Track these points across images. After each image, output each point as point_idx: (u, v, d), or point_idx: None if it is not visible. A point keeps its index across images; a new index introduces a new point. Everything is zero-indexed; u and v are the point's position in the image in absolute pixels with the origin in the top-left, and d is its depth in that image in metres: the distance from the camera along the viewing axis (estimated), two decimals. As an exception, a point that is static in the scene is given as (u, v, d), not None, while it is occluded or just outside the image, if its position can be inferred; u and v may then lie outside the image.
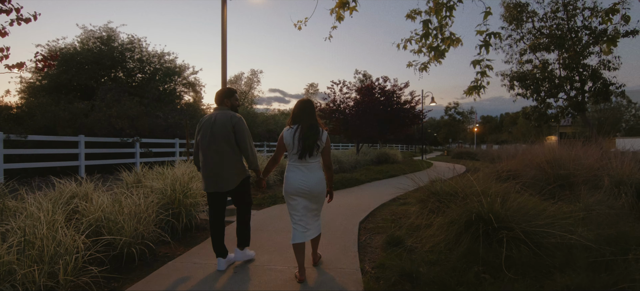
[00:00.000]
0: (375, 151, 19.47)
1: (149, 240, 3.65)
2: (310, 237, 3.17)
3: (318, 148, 3.11)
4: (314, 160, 3.15)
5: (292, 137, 3.10)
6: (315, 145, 3.08)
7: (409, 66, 5.79)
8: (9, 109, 13.44)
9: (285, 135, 3.16)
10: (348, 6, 4.11)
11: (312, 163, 3.15)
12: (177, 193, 4.46)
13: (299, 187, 3.10)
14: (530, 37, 13.93)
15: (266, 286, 2.95)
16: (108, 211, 3.63)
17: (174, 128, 15.06)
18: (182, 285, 2.96)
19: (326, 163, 3.28)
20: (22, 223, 2.70)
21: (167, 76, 19.08)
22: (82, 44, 16.95)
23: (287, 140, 3.13)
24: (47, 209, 3.04)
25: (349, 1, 4.09)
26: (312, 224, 3.21)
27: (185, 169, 5.22)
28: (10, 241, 2.44)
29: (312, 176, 3.13)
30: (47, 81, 15.62)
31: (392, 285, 2.91)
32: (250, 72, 50.92)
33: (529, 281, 2.67)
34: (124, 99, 13.36)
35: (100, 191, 4.26)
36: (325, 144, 3.19)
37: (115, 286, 2.95)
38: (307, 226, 3.16)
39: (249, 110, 31.32)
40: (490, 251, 3.15)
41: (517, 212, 3.62)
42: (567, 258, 2.88)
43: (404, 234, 4.35)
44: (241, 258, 3.54)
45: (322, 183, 3.18)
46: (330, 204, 6.75)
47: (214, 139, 3.31)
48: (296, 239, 3.10)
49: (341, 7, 4.09)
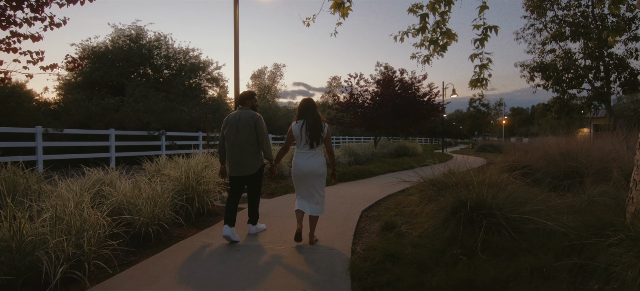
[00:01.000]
0: (394, 143, 19.52)
1: (164, 222, 4.09)
2: (307, 211, 3.79)
3: (321, 138, 3.82)
4: (317, 147, 3.84)
5: (299, 130, 3.79)
6: (319, 136, 3.78)
7: (412, 58, 5.97)
8: (47, 105, 14.48)
9: (294, 128, 3.83)
10: (343, 7, 4.34)
11: (316, 149, 3.84)
12: (190, 180, 4.89)
13: (307, 169, 3.77)
14: (553, 26, 13.56)
15: (261, 261, 3.30)
16: (129, 196, 4.09)
17: (198, 122, 15.73)
18: (189, 259, 3.35)
19: (328, 149, 3.99)
20: (54, 203, 3.17)
21: (192, 72, 19.80)
22: (113, 42, 17.88)
23: (295, 132, 3.82)
24: (75, 192, 3.52)
25: (343, 2, 4.32)
26: (312, 200, 3.84)
27: (199, 160, 5.65)
28: (44, 217, 2.90)
29: (316, 160, 3.82)
30: (82, 78, 16.62)
31: (376, 264, 3.17)
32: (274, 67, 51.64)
33: (499, 262, 2.88)
34: (151, 94, 14.12)
35: (123, 179, 4.75)
36: (327, 134, 3.89)
37: (132, 260, 3.39)
38: (308, 202, 3.83)
39: (270, 104, 31.89)
40: (471, 236, 3.36)
41: (506, 200, 3.80)
42: (542, 242, 3.06)
43: (399, 220, 4.60)
44: (255, 231, 4.26)
45: (324, 165, 3.88)
46: (338, 194, 7.06)
47: (238, 133, 3.98)
48: (298, 206, 3.84)
49: (336, 7, 4.33)
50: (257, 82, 48.36)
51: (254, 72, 50.87)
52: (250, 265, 3.24)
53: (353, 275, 2.97)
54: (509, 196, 3.84)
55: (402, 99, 16.23)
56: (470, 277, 2.55)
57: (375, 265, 3.15)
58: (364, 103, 17.02)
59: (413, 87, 16.70)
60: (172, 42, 19.64)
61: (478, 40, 4.96)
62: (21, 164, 4.62)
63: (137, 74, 17.98)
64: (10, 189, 3.84)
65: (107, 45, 17.73)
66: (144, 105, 13.03)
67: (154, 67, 18.67)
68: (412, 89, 16.65)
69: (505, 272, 2.63)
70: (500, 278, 2.50)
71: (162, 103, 13.82)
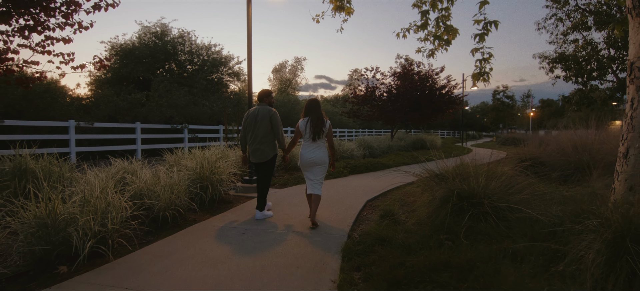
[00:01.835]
0: (412, 136, 19.50)
1: (180, 207, 4.50)
2: (314, 192, 4.40)
3: (323, 132, 4.38)
4: (320, 141, 4.42)
5: (305, 126, 4.40)
6: (321, 131, 4.35)
7: (417, 52, 6.12)
8: (80, 100, 15.40)
9: (301, 124, 4.44)
10: (343, 9, 4.57)
11: (319, 142, 4.42)
12: (204, 170, 5.29)
13: (310, 159, 4.39)
14: (576, 16, 13.17)
15: (264, 242, 3.63)
16: (149, 183, 4.52)
17: (218, 115, 16.30)
18: (200, 239, 3.73)
19: (329, 142, 4.53)
20: (82, 187, 3.61)
21: (214, 67, 20.39)
22: (139, 39, 18.68)
23: (301, 128, 4.44)
24: (101, 179, 3.96)
25: (343, 5, 4.55)
26: (316, 184, 4.46)
27: (213, 152, 6.05)
28: (74, 199, 3.34)
29: (318, 151, 4.42)
30: (111, 74, 17.50)
31: (367, 247, 3.44)
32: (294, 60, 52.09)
33: (480, 246, 3.09)
34: (174, 89, 14.76)
35: (145, 168, 5.20)
36: (328, 130, 4.44)
37: (150, 239, 3.80)
38: (314, 185, 4.45)
39: (290, 97, 32.30)
40: (459, 223, 3.57)
41: (497, 191, 3.97)
42: (523, 229, 3.23)
43: (398, 209, 4.83)
44: (261, 217, 4.66)
45: (325, 156, 4.46)
46: (347, 185, 7.33)
47: (257, 126, 4.62)
48: (308, 190, 4.49)
49: (337, 9, 4.56)
50: (278, 76, 48.93)
51: (275, 66, 51.45)
52: (253, 245, 3.58)
53: (344, 256, 3.26)
54: (501, 187, 4.01)
55: (421, 92, 16.19)
56: (447, 258, 2.78)
57: (366, 248, 3.42)
58: (382, 96, 17.10)
59: (430, 80, 16.62)
60: (195, 38, 20.28)
61: (478, 35, 5.08)
62: (56, 154, 5.15)
63: (163, 69, 18.72)
64: (46, 176, 4.34)
65: (134, 43, 18.52)
66: (167, 100, 13.67)
67: (178, 62, 19.36)
68: (429, 82, 16.58)
69: (481, 254, 2.84)
70: (475, 259, 2.72)
71: (184, 98, 14.43)
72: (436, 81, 17.14)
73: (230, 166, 6.05)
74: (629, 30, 3.16)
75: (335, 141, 12.69)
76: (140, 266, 3.03)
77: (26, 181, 4.19)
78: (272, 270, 2.95)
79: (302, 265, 3.06)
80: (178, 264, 3.09)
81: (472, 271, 2.52)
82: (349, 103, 18.21)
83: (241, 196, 6.07)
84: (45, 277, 2.82)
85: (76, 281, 2.74)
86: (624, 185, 3.11)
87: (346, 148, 11.79)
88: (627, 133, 3.14)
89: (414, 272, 2.66)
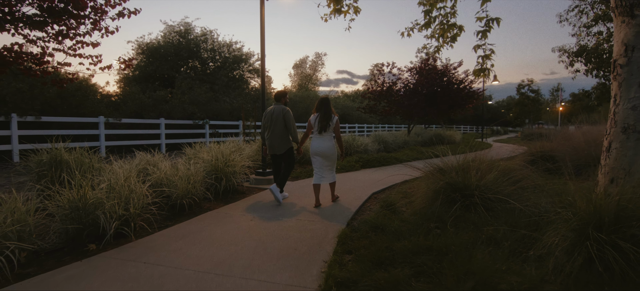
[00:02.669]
0: (430, 132, 19.45)
1: (196, 196, 4.92)
2: (324, 181, 5.10)
3: (329, 126, 4.99)
4: (327, 134, 5.04)
5: (315, 121, 5.05)
6: (327, 125, 4.97)
7: (423, 48, 6.30)
8: (109, 97, 16.29)
9: (312, 119, 5.10)
10: (342, 11, 4.81)
11: (326, 136, 5.04)
12: (219, 162, 5.70)
13: (318, 150, 5.03)
14: (599, 7, 12.79)
15: (268, 228, 3.97)
16: (168, 174, 4.96)
17: (238, 111, 16.84)
18: (212, 224, 4.12)
19: (336, 136, 5.21)
20: (108, 176, 4.07)
21: (235, 63, 20.97)
22: (164, 38, 19.46)
23: (312, 122, 5.08)
24: (125, 170, 4.41)
25: (342, 7, 4.79)
26: (327, 174, 5.12)
27: (228, 145, 6.45)
28: (101, 186, 3.79)
29: (326, 143, 5.03)
30: (138, 72, 18.35)
31: (362, 234, 3.72)
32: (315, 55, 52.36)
33: (464, 233, 3.31)
34: (196, 86, 15.38)
35: (165, 160, 5.65)
36: (335, 124, 5.07)
37: (168, 224, 4.22)
38: (323, 175, 5.11)
39: (310, 93, 32.63)
40: (448, 212, 3.80)
41: (490, 184, 4.16)
42: (507, 219, 3.43)
43: (399, 200, 5.07)
44: (278, 194, 5.19)
45: (333, 148, 5.08)
46: (357, 178, 7.60)
47: (273, 123, 5.34)
48: (315, 181, 5.12)
49: (335, 12, 4.81)
50: (299, 71, 49.34)
51: (296, 62, 51.90)
52: (259, 230, 3.93)
53: (339, 241, 3.55)
54: (494, 181, 4.18)
55: (435, 87, 16.16)
56: (429, 243, 3.03)
57: (361, 234, 3.70)
58: (399, 92, 17.15)
59: (447, 74, 16.54)
60: (217, 36, 20.91)
61: (480, 32, 5.22)
62: (87, 148, 5.68)
63: (186, 67, 19.44)
64: (78, 166, 4.84)
65: (159, 41, 19.30)
66: (189, 97, 14.29)
67: (201, 60, 20.02)
68: (447, 77, 16.50)
69: (462, 240, 3.08)
70: (455, 244, 2.95)
71: (205, 95, 15.03)
72: (454, 76, 17.04)
73: (244, 160, 6.44)
74: (614, 28, 3.27)
75: (350, 136, 12.93)
76: (158, 246, 3.43)
77: (61, 171, 4.70)
78: (272, 251, 3.29)
79: (299, 248, 3.38)
80: (191, 245, 3.47)
81: (448, 255, 2.76)
82: (365, 99, 18.35)
83: (254, 188, 6.45)
84: (77, 253, 3.26)
85: (103, 257, 3.16)
86: (606, 178, 3.25)
87: (360, 143, 12.02)
88: (611, 128, 3.27)
89: (398, 255, 2.93)
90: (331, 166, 5.16)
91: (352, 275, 2.61)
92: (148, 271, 2.84)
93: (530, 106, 49.99)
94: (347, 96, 48.61)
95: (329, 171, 5.15)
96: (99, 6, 4.46)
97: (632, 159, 3.07)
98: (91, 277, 2.74)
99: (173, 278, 2.72)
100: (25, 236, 3.08)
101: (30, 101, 9.59)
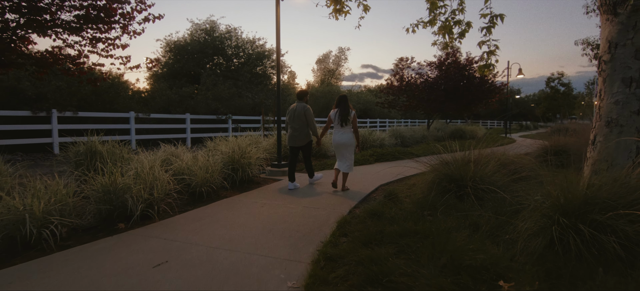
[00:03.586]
0: (451, 126, 19.33)
1: (214, 185, 5.38)
2: (340, 168, 5.80)
3: (348, 120, 5.68)
4: (346, 127, 5.73)
5: (335, 116, 5.78)
6: (346, 119, 5.68)
7: (433, 45, 6.49)
8: (139, 93, 17.23)
9: (332, 114, 5.86)
10: (342, 11, 5.08)
11: (345, 128, 5.74)
12: (235, 154, 6.14)
13: (338, 141, 5.76)
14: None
15: (275, 213, 4.36)
16: (189, 164, 5.44)
17: (260, 106, 17.38)
18: (227, 209, 4.55)
19: (354, 128, 5.80)
20: (135, 165, 4.57)
21: (258, 60, 21.55)
22: (191, 36, 20.27)
23: (332, 117, 5.85)
24: (150, 159, 4.92)
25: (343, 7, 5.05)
26: (344, 163, 5.79)
27: (244, 139, 6.89)
28: (129, 173, 4.29)
29: (345, 135, 5.74)
30: (166, 69, 19.25)
31: (361, 220, 4.03)
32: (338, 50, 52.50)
33: (452, 219, 3.57)
34: (219, 83, 16.02)
35: (187, 152, 6.15)
36: (353, 117, 5.74)
37: (188, 208, 4.68)
38: (341, 162, 5.82)
39: (331, 88, 32.89)
40: (441, 201, 4.05)
41: (487, 175, 4.37)
42: (494, 207, 3.65)
43: (403, 191, 5.34)
44: (314, 181, 6.37)
45: (351, 139, 5.77)
46: (368, 171, 7.88)
47: (294, 119, 5.97)
48: (336, 166, 5.90)
49: (336, 12, 5.08)
50: (322, 66, 49.62)
51: (319, 57, 52.25)
52: (268, 215, 4.33)
53: (338, 225, 3.89)
54: (489, 173, 4.39)
55: (453, 82, 16.06)
56: (416, 227, 3.32)
57: (359, 220, 4.02)
58: (417, 86, 17.15)
59: (468, 68, 16.39)
60: (241, 33, 21.54)
61: (485, 28, 5.36)
62: (118, 140, 6.27)
63: (211, 63, 20.19)
64: (110, 156, 5.41)
65: (186, 39, 20.14)
66: (213, 93, 14.94)
67: (225, 56, 20.69)
68: (467, 71, 16.35)
69: (447, 225, 3.34)
70: (439, 229, 3.22)
71: (228, 91, 15.65)
72: (475, 70, 16.86)
73: (260, 152, 6.87)
74: (601, 25, 3.41)
75: (366, 130, 13.17)
76: (177, 226, 3.89)
77: (95, 160, 5.27)
78: (276, 232, 3.67)
79: (301, 230, 3.74)
80: (206, 226, 3.91)
81: (429, 237, 3.04)
82: (383, 94, 18.46)
83: (269, 179, 6.87)
84: (108, 230, 3.76)
85: (130, 234, 3.64)
86: (590, 169, 3.41)
87: (376, 138, 12.24)
88: (596, 122, 3.42)
89: (387, 237, 3.23)
90: (349, 155, 5.79)
91: (341, 252, 2.94)
92: (167, 245, 3.29)
93: (561, 100, 48.10)
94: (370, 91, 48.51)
95: (347, 159, 5.79)
96: (126, 13, 4.96)
97: (614, 152, 3.22)
98: (120, 248, 3.21)
99: (187, 251, 3.15)
100: (66, 214, 3.60)
101: (68, 97, 10.44)
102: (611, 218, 2.40)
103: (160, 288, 2.48)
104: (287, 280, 2.60)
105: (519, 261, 2.49)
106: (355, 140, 5.85)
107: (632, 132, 3.17)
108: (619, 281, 2.10)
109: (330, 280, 2.49)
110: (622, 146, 3.19)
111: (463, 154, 5.94)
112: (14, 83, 9.94)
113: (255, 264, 2.89)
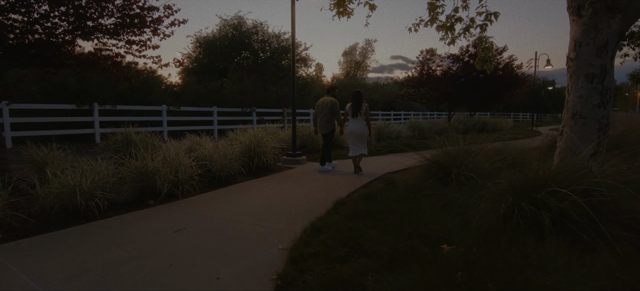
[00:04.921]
0: (474, 119, 19.24)
1: (232, 170, 6.05)
2: (355, 154, 6.76)
3: (360, 113, 6.61)
4: (359, 118, 6.64)
5: (349, 108, 6.71)
6: (358, 111, 6.61)
7: (441, 40, 6.84)
8: (172, 87, 18.36)
9: (347, 108, 6.79)
10: (346, 12, 5.51)
11: (359, 119, 6.64)
12: (252, 144, 6.80)
13: (352, 130, 6.66)
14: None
15: (280, 197, 4.95)
16: (210, 151, 6.14)
17: (284, 99, 18.07)
18: (242, 192, 5.20)
19: (366, 119, 6.70)
20: (163, 152, 5.32)
21: (283, 53, 22.20)
22: (219, 31, 21.18)
23: (348, 110, 6.77)
24: (175, 147, 5.65)
25: (346, 7, 5.48)
26: (358, 148, 6.71)
27: (261, 130, 7.55)
28: (158, 159, 5.02)
29: (358, 125, 6.64)
30: (196, 64, 20.29)
31: (354, 201, 4.56)
32: (365, 42, 52.45)
33: (433, 200, 4.02)
34: (244, 77, 16.81)
35: (209, 141, 6.88)
36: (365, 109, 6.67)
37: (208, 190, 5.38)
38: (356, 149, 6.72)
39: (357, 80, 33.12)
40: (425, 185, 4.50)
41: (476, 164, 4.75)
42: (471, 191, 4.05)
43: (400, 178, 5.79)
44: (330, 168, 7.19)
45: (363, 129, 6.66)
46: (377, 161, 8.37)
47: (323, 110, 7.01)
48: (350, 154, 6.88)
49: (340, 13, 5.52)
50: (348, 59, 49.79)
51: (346, 50, 52.40)
52: (276, 197, 4.94)
53: (334, 205, 4.43)
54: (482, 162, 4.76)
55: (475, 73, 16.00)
56: (395, 206, 3.81)
57: (353, 202, 4.54)
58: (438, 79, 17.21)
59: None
60: (267, 27, 22.23)
61: (479, 26, 5.66)
62: (151, 131, 7.09)
63: (239, 58, 21.03)
64: (143, 144, 6.22)
65: (214, 35, 21.08)
66: (238, 87, 15.75)
67: (252, 50, 21.45)
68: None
69: (424, 205, 3.81)
70: (415, 208, 3.70)
71: (253, 84, 16.41)
72: (498, 61, 16.71)
73: (275, 142, 7.50)
74: (570, 25, 3.71)
75: (382, 122, 13.55)
76: (198, 203, 4.58)
77: (131, 147, 6.09)
78: (278, 211, 4.27)
79: (300, 211, 4.32)
80: (222, 204, 4.57)
81: (404, 214, 3.53)
82: (405, 86, 18.63)
83: (284, 167, 7.50)
84: (141, 205, 4.50)
85: (158, 208, 4.36)
86: (558, 157, 3.75)
87: (392, 130, 12.59)
88: (564, 115, 3.75)
89: (370, 214, 3.75)
90: (363, 143, 6.71)
91: (328, 224, 3.50)
92: (187, 217, 3.97)
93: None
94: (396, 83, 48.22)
95: (361, 146, 6.70)
96: (155, 19, 5.68)
97: (578, 142, 3.56)
98: (149, 219, 3.92)
99: (203, 221, 3.81)
100: (107, 190, 4.36)
101: (108, 92, 11.52)
102: (547, 195, 2.80)
103: (179, 245, 3.14)
104: (279, 243, 3.18)
105: (469, 232, 2.94)
106: (367, 130, 6.72)
107: (593, 123, 3.49)
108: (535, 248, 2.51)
109: (311, 243, 3.06)
110: (584, 136, 3.52)
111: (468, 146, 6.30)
112: (61, 80, 11.12)
113: (256, 232, 3.50)
